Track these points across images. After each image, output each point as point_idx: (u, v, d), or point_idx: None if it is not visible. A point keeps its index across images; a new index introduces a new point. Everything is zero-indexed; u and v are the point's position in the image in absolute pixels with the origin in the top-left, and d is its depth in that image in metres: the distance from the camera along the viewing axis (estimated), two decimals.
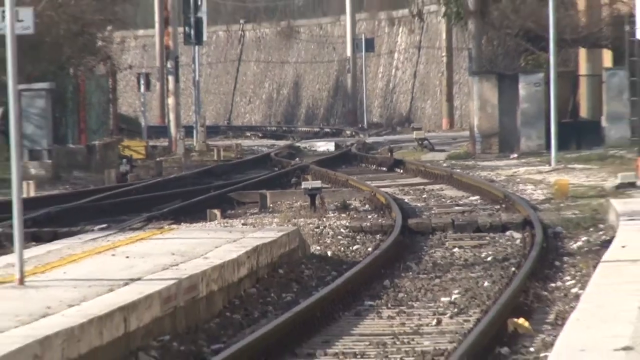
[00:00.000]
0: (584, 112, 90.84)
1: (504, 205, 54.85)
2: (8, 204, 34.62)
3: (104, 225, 46.90)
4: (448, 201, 60.28)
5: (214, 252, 34.75)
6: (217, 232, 42.83)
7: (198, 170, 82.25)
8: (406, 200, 58.37)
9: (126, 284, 28.55)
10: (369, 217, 53.84)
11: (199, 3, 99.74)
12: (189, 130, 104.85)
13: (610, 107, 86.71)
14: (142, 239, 39.89)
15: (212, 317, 30.04)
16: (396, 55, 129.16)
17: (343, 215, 54.62)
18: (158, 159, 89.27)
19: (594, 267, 32.50)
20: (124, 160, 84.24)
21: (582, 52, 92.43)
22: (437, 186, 66.94)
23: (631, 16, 66.41)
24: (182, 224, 47.78)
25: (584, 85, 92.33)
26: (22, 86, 32.07)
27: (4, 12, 28.99)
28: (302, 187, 61.99)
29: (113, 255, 35.13)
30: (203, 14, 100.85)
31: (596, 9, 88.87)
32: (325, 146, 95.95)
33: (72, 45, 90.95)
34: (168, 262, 32.33)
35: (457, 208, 56.71)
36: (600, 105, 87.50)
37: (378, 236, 45.99)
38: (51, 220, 48.41)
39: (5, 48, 28.69)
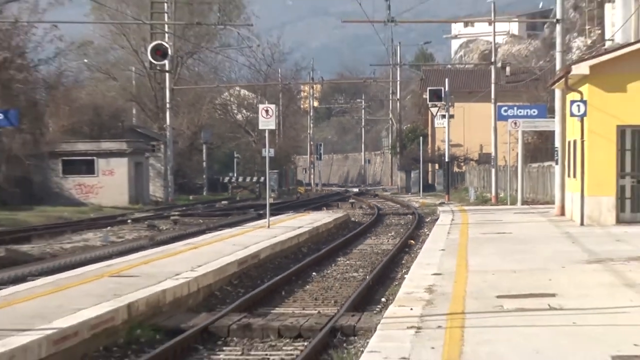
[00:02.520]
0: (430, 181, 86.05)
1: (407, 207, 54.29)
2: (264, 205, 35.26)
3: (291, 212, 46.20)
4: (391, 206, 58.89)
5: (323, 220, 36.99)
6: (324, 214, 43.60)
7: (319, 196, 75.36)
8: (378, 206, 55.85)
9: (298, 228, 31.91)
10: (368, 210, 53.31)
11: (320, 147, 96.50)
12: (316, 184, 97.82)
13: (437, 178, 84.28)
14: (302, 215, 41.52)
15: (322, 239, 32.55)
16: (376, 164, 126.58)
17: (360, 209, 54.63)
18: (307, 193, 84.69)
19: (433, 226, 33.72)
20: (298, 193, 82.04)
21: (431, 165, 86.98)
22: (387, 202, 64.26)
23: (443, 154, 65.92)
24: (313, 212, 46.82)
25: (434, 174, 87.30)
26: (270, 171, 34.76)
27: (265, 148, 33.78)
28: (349, 201, 62.83)
29: (293, 219, 37.81)
30: (321, 153, 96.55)
31: (435, 151, 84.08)
32: (355, 190, 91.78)
33: (285, 159, 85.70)
34: (309, 222, 35.13)
35: (393, 208, 55.99)
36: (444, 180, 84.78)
37: (371, 216, 45.85)
38: (277, 209, 47.41)
39: (265, 161, 33.03)
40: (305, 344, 13.70)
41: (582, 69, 29.05)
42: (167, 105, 66.05)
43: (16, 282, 19.76)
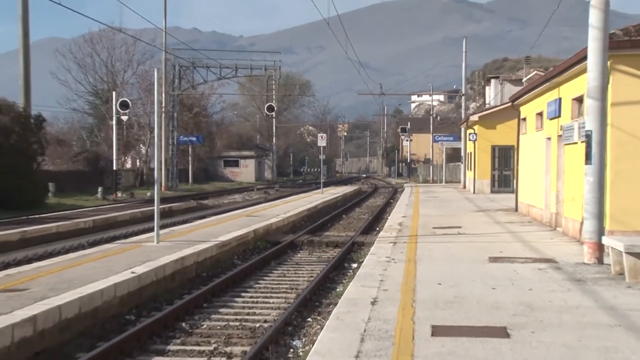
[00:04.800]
0: (400, 172, 68.25)
1: (389, 184, 48.56)
2: (319, 182, 32.85)
3: (332, 186, 41.94)
4: (381, 183, 50.37)
5: (349, 190, 33.91)
6: (349, 187, 39.95)
7: (346, 178, 69.63)
8: (376, 183, 49.31)
9: (336, 193, 29.46)
10: (370, 185, 47.15)
11: (347, 155, 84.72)
12: (345, 172, 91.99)
13: (404, 170, 64.38)
14: (338, 187, 38.34)
15: (347, 198, 29.52)
16: (374, 163, 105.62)
17: (366, 185, 47.91)
18: (340, 176, 78.16)
19: (402, 193, 30.87)
20: (336, 176, 78.20)
21: (401, 163, 71.25)
22: (379, 181, 54.92)
23: (407, 158, 60.73)
24: (343, 186, 42.81)
25: (402, 168, 70.10)
26: (323, 166, 31.00)
27: (320, 155, 29.64)
28: (361, 181, 56.94)
29: (333, 189, 33.95)
30: (347, 157, 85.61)
31: (403, 157, 70.94)
32: (364, 175, 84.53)
33: (329, 160, 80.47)
34: (341, 190, 33.21)
35: (382, 184, 48.66)
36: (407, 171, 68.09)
37: (372, 188, 41.51)
38: (325, 185, 33.97)
39: (320, 161, 30.61)
40: (340, 249, 13.37)
41: (475, 118, 29.21)
42: (274, 134, 67.13)
43: (200, 218, 19.67)
